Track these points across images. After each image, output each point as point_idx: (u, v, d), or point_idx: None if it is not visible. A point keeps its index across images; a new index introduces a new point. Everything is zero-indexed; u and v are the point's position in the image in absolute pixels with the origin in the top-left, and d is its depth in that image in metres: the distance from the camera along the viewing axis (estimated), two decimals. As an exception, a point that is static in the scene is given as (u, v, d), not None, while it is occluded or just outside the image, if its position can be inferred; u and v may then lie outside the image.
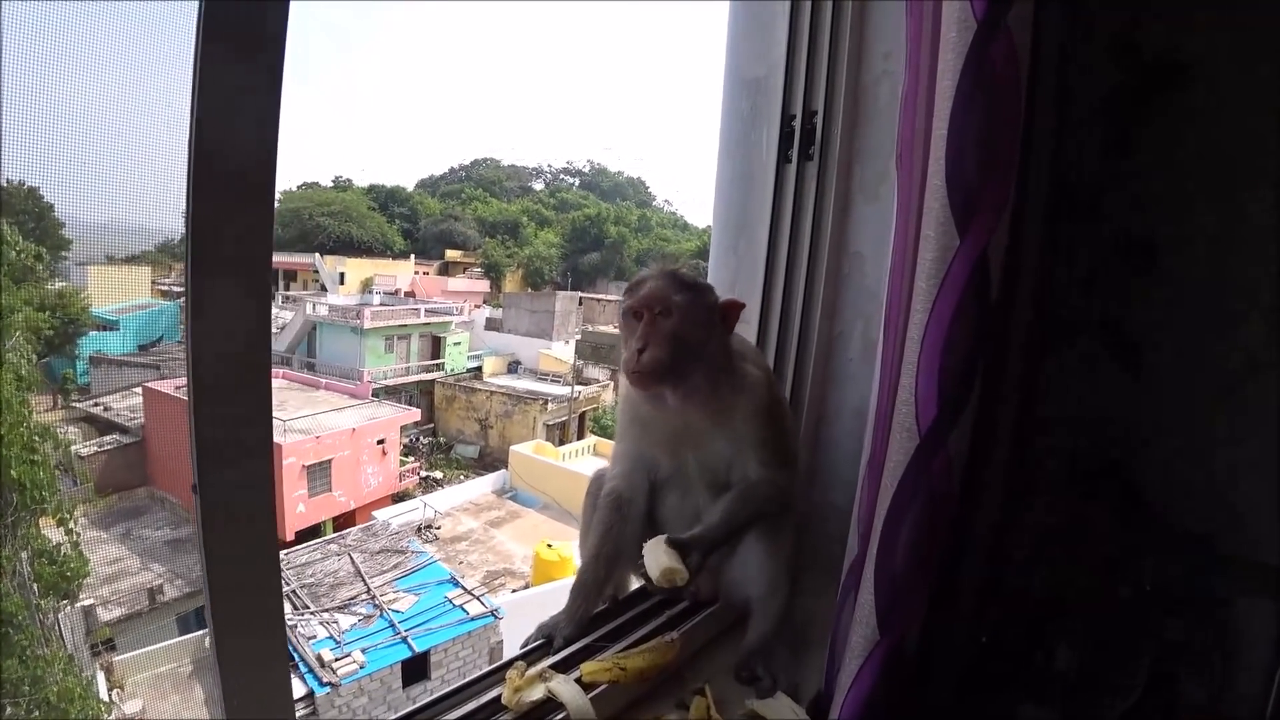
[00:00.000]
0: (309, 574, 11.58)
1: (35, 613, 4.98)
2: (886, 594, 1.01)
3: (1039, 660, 1.55)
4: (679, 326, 1.29)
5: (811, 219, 1.66)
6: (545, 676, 1.17)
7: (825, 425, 1.76)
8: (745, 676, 1.38)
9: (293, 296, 31.75)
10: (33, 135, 8.39)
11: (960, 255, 0.89)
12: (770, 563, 1.43)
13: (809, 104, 1.63)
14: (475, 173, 59.04)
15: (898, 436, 0.97)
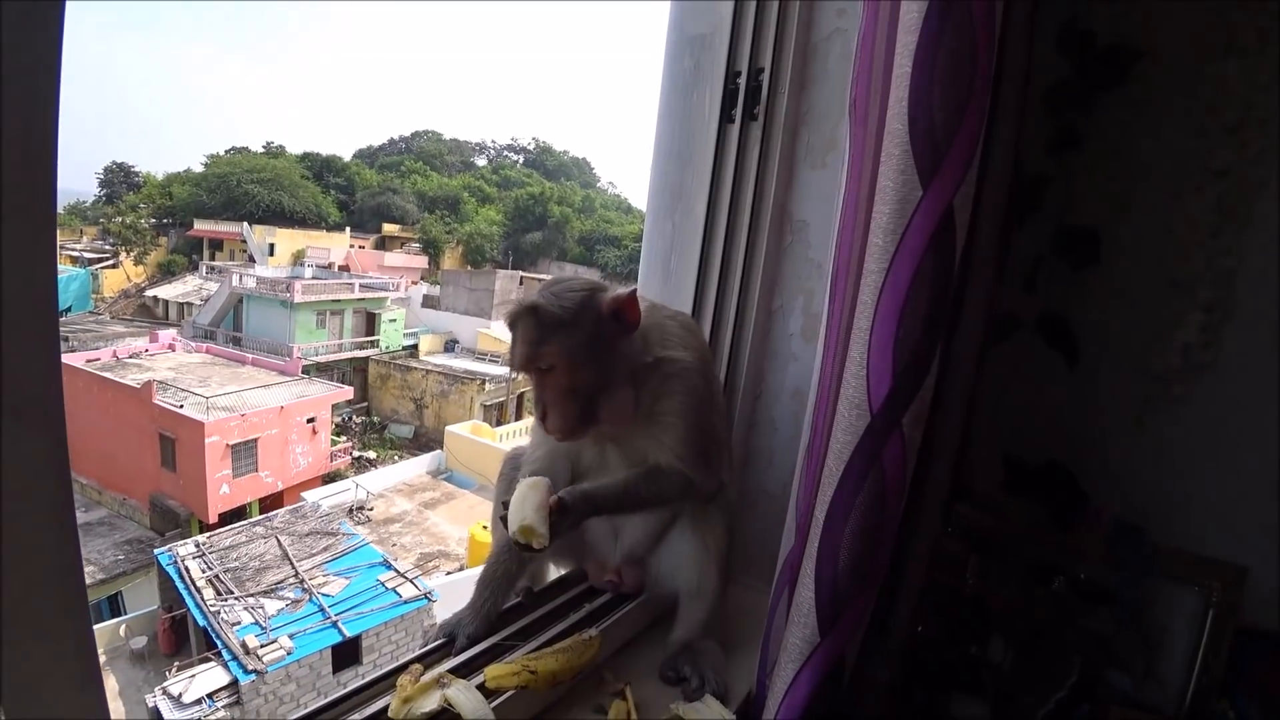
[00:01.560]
0: (233, 558, 11.17)
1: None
2: (829, 593, 0.91)
3: (972, 653, 1.53)
4: (570, 377, 1.14)
5: (754, 184, 1.55)
6: (443, 682, 1.03)
7: (762, 406, 1.67)
8: (671, 677, 1.28)
9: (218, 267, 30.45)
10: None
11: (923, 207, 0.78)
12: (701, 554, 1.33)
13: (755, 61, 1.52)
14: (415, 145, 57.33)
15: (844, 415, 0.85)
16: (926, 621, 1.54)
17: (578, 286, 1.18)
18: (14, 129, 0.55)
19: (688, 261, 1.63)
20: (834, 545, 0.89)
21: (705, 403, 1.27)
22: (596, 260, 41.39)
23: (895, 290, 0.80)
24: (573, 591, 1.43)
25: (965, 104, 0.79)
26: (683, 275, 1.64)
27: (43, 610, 0.64)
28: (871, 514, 0.87)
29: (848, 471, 0.87)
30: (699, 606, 1.33)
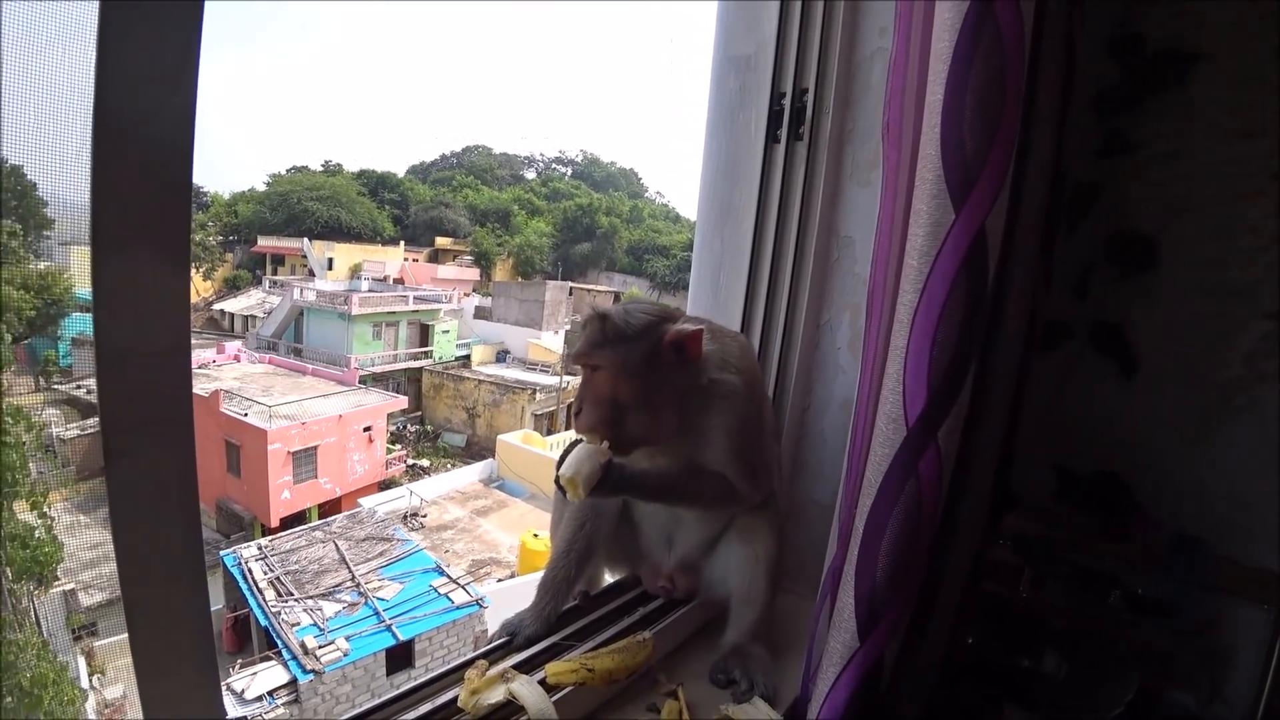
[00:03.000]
0: (293, 561, 11.52)
1: (8, 598, 4.90)
2: (867, 599, 0.94)
3: (1025, 665, 1.52)
4: (614, 385, 1.20)
5: (800, 202, 1.59)
6: (507, 677, 1.10)
7: (810, 418, 1.70)
8: (721, 679, 1.32)
9: (280, 281, 31.51)
10: (12, 114, 8.22)
11: (956, 230, 0.81)
12: (751, 561, 1.37)
13: (800, 82, 1.56)
14: (466, 160, 58.57)
15: (883, 428, 0.89)
16: (977, 632, 1.54)
17: (649, 310, 1.24)
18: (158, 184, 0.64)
19: (736, 277, 1.68)
20: (872, 554, 0.93)
21: (750, 420, 1.32)
22: (645, 270, 41.57)
23: (930, 310, 0.83)
24: (627, 596, 1.48)
25: (996, 130, 0.82)
26: (732, 291, 1.69)
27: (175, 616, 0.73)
28: (908, 524, 0.91)
29: (885, 482, 0.90)
30: (749, 612, 1.37)
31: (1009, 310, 0.98)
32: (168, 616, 0.73)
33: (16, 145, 6.42)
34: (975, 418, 0.92)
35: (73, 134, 2.97)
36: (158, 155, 0.65)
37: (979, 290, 0.84)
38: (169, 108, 0.65)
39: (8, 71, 3.79)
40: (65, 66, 3.41)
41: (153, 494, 0.68)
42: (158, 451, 0.67)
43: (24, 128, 5.46)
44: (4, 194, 11.87)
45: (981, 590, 1.54)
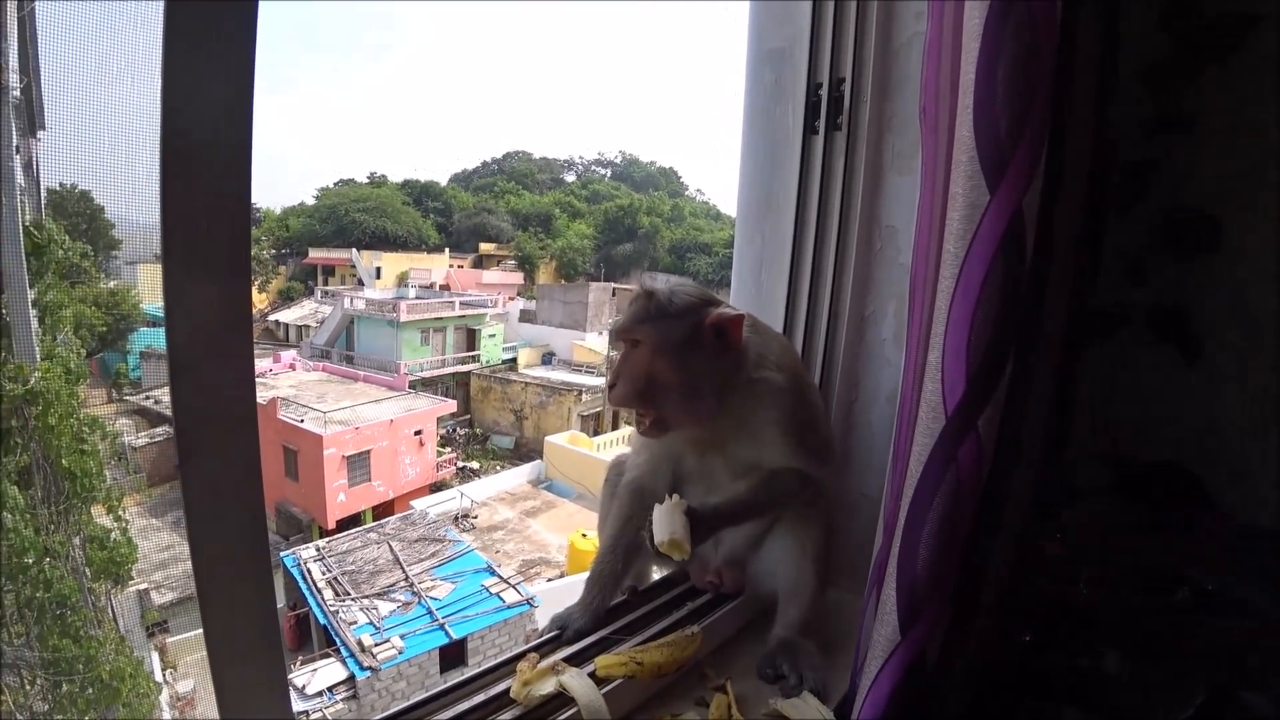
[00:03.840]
0: (349, 561, 11.84)
1: (88, 595, 5.16)
2: (908, 592, 0.93)
3: (1084, 665, 1.47)
4: (650, 361, 1.22)
5: (841, 192, 1.58)
6: (557, 670, 1.12)
7: (857, 410, 1.68)
8: (769, 674, 1.32)
9: (331, 291, 32.39)
10: (82, 139, 8.67)
11: (991, 211, 0.79)
12: (798, 554, 1.37)
13: (836, 71, 1.55)
14: (507, 166, 59.30)
15: (924, 418, 0.88)
16: (1034, 630, 1.50)
17: (694, 292, 1.26)
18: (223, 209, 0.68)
19: (778, 271, 1.67)
20: (914, 546, 0.92)
21: (800, 409, 1.33)
22: (688, 269, 41.49)
23: (966, 295, 0.82)
24: (675, 591, 1.49)
25: (1029, 107, 0.80)
26: (774, 284, 1.68)
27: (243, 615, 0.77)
28: (948, 515, 0.89)
29: (926, 472, 0.89)
30: (797, 606, 1.36)
31: (1051, 295, 0.96)
32: (239, 609, 0.77)
33: (86, 171, 6.68)
34: (1016, 406, 0.90)
35: (139, 160, 3.14)
36: (220, 178, 0.69)
37: (1017, 273, 0.82)
38: (229, 133, 0.69)
39: (80, 104, 3.97)
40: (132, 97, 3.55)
41: (222, 492, 0.73)
42: (226, 452, 0.71)
43: (93, 155, 5.72)
44: (75, 217, 12.50)
45: (1038, 587, 1.50)
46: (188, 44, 0.68)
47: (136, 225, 15.24)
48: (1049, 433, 1.47)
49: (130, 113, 9.47)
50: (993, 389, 0.85)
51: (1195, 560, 1.40)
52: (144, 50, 9.11)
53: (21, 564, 4.58)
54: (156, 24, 0.66)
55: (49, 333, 5.26)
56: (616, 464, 1.51)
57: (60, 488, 4.96)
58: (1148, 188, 1.39)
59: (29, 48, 5.42)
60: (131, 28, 8.69)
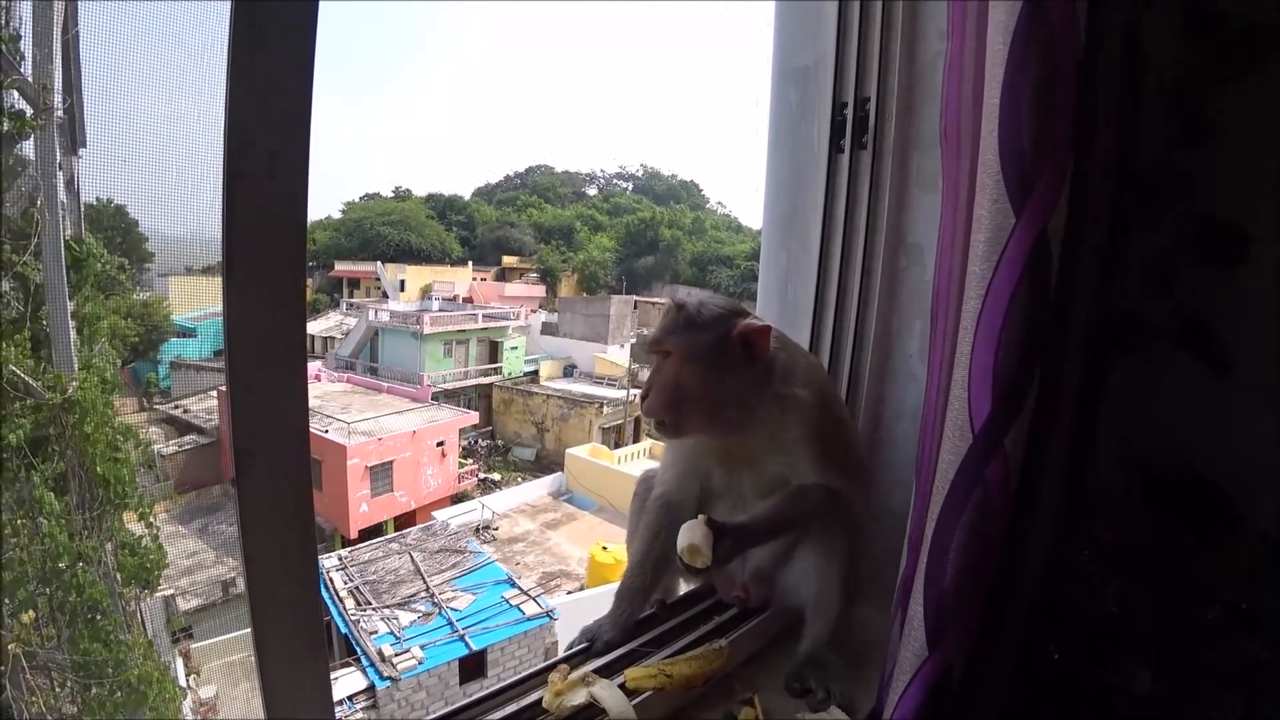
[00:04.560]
0: (371, 571, 11.94)
1: (118, 600, 5.26)
2: (935, 608, 0.94)
3: (1114, 683, 1.45)
4: (679, 370, 1.25)
5: (867, 211, 1.59)
6: (588, 681, 1.14)
7: (884, 427, 1.69)
8: (796, 688, 1.32)
9: (356, 303, 32.81)
10: (118, 154, 8.92)
11: (1017, 234, 0.81)
12: (826, 570, 1.37)
13: (861, 91, 1.57)
14: (530, 179, 59.91)
15: (950, 436, 0.89)
16: (1061, 648, 1.49)
17: (723, 304, 1.30)
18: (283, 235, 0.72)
19: (805, 287, 1.68)
20: (941, 563, 0.93)
21: (828, 424, 1.34)
22: (709, 281, 41.52)
23: (993, 316, 0.83)
24: (702, 605, 1.50)
25: (1053, 131, 0.82)
26: (800, 301, 1.70)
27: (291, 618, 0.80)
28: (975, 533, 0.90)
29: (953, 490, 0.90)
30: (824, 621, 1.37)
31: (1077, 311, 0.97)
32: (288, 616, 0.80)
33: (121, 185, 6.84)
34: (1044, 424, 0.91)
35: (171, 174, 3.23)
36: (281, 194, 0.73)
37: (1043, 294, 0.84)
38: (291, 145, 0.73)
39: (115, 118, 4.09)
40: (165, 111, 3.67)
41: (276, 505, 0.76)
42: (282, 467, 0.75)
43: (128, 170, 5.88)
44: (110, 231, 12.82)
45: (1065, 602, 1.49)
46: (252, 47, 0.72)
47: (167, 239, 15.64)
48: (1076, 447, 1.46)
49: (163, 126, 9.75)
50: (1019, 408, 0.86)
51: (1227, 577, 1.38)
52: (176, 64, 9.38)
53: (55, 569, 4.69)
54: (186, 39, 0.70)
55: (86, 343, 5.40)
56: (645, 478, 1.53)
57: (94, 494, 5.09)
58: (1174, 200, 1.38)
59: (73, 68, 5.62)
60: (161, 43, 8.96)
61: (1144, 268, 1.40)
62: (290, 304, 0.74)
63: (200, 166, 10.84)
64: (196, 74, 9.33)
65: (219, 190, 0.70)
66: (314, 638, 0.83)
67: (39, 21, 4.95)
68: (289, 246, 0.73)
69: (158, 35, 8.93)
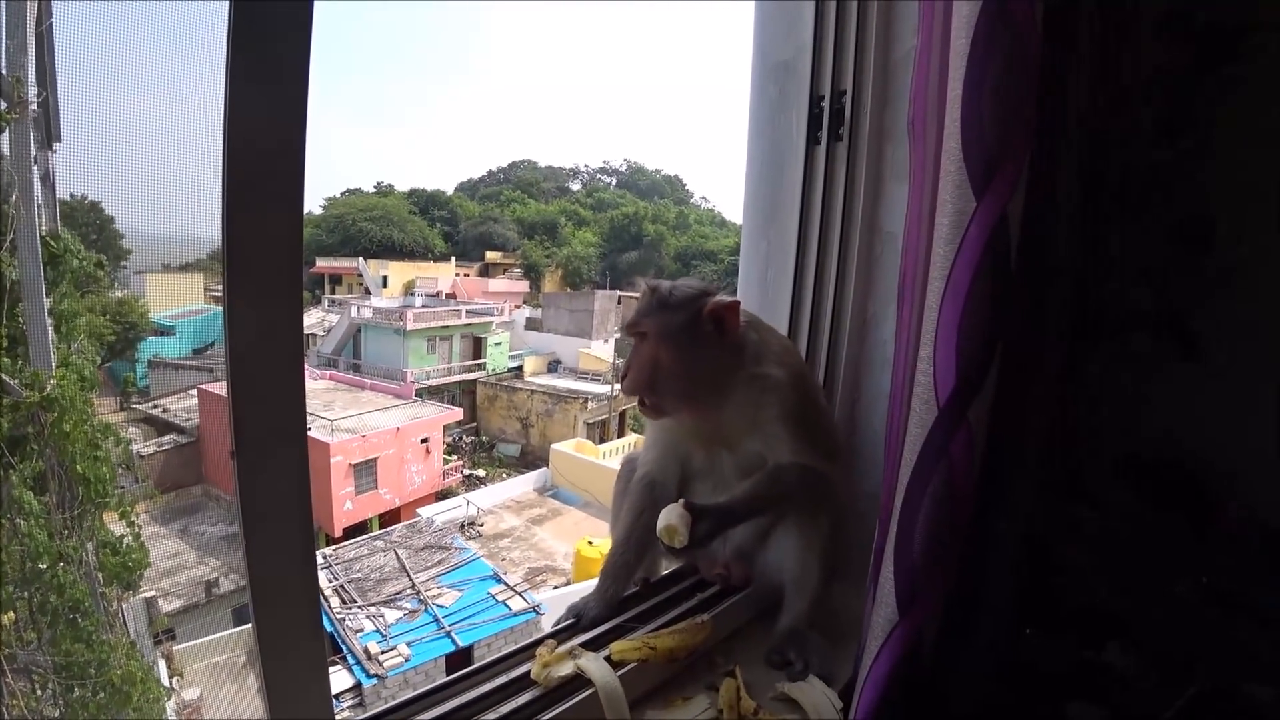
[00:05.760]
0: (356, 569, 11.89)
1: (100, 600, 5.22)
2: (905, 576, 0.98)
3: (1092, 658, 1.51)
4: (655, 350, 1.31)
5: (843, 200, 1.63)
6: (574, 654, 1.18)
7: (861, 410, 1.73)
8: (777, 660, 1.37)
9: (338, 300, 32.53)
10: (93, 150, 8.80)
11: (977, 217, 0.86)
12: (804, 548, 1.42)
13: (838, 84, 1.61)
14: (513, 175, 59.73)
15: (917, 410, 0.94)
16: (1042, 625, 1.54)
17: (694, 285, 1.36)
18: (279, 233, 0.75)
19: (783, 275, 1.73)
20: (909, 531, 0.97)
21: (803, 404, 1.39)
22: (693, 275, 41.56)
23: (956, 295, 0.88)
24: (685, 583, 1.54)
25: (1014, 119, 0.87)
26: (779, 288, 1.74)
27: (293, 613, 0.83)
28: (943, 502, 0.95)
29: (920, 462, 0.95)
30: (803, 596, 1.42)
31: (1052, 298, 1.01)
32: (289, 612, 0.83)
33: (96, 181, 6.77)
34: (1009, 401, 0.96)
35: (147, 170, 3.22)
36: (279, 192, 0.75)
37: (1002, 272, 0.89)
38: (287, 140, 0.76)
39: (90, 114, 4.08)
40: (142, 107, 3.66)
41: (276, 502, 0.79)
42: (281, 465, 0.78)
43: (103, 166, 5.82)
44: (85, 228, 12.62)
45: (1047, 582, 1.55)
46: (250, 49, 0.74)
47: (144, 235, 15.44)
48: (1055, 430, 1.51)
49: (139, 121, 9.62)
50: (981, 380, 0.91)
51: (1200, 557, 1.43)
52: (151, 58, 9.26)
53: (35, 569, 4.65)
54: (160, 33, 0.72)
55: (64, 341, 5.35)
56: (629, 461, 1.57)
57: (74, 493, 5.04)
58: (1150, 193, 1.43)
59: (47, 60, 5.54)
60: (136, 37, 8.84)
61: (1120, 258, 1.45)
62: (288, 300, 0.77)
63: (177, 162, 10.70)
64: (172, 69, 9.24)
65: (197, 186, 0.72)
66: (313, 628, 0.86)
67: (11, 14, 4.88)
68: (287, 241, 0.76)
69: (132, 29, 8.81)
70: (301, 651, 0.87)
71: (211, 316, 22.01)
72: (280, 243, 0.78)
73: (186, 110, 11.05)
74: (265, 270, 0.77)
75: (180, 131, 10.47)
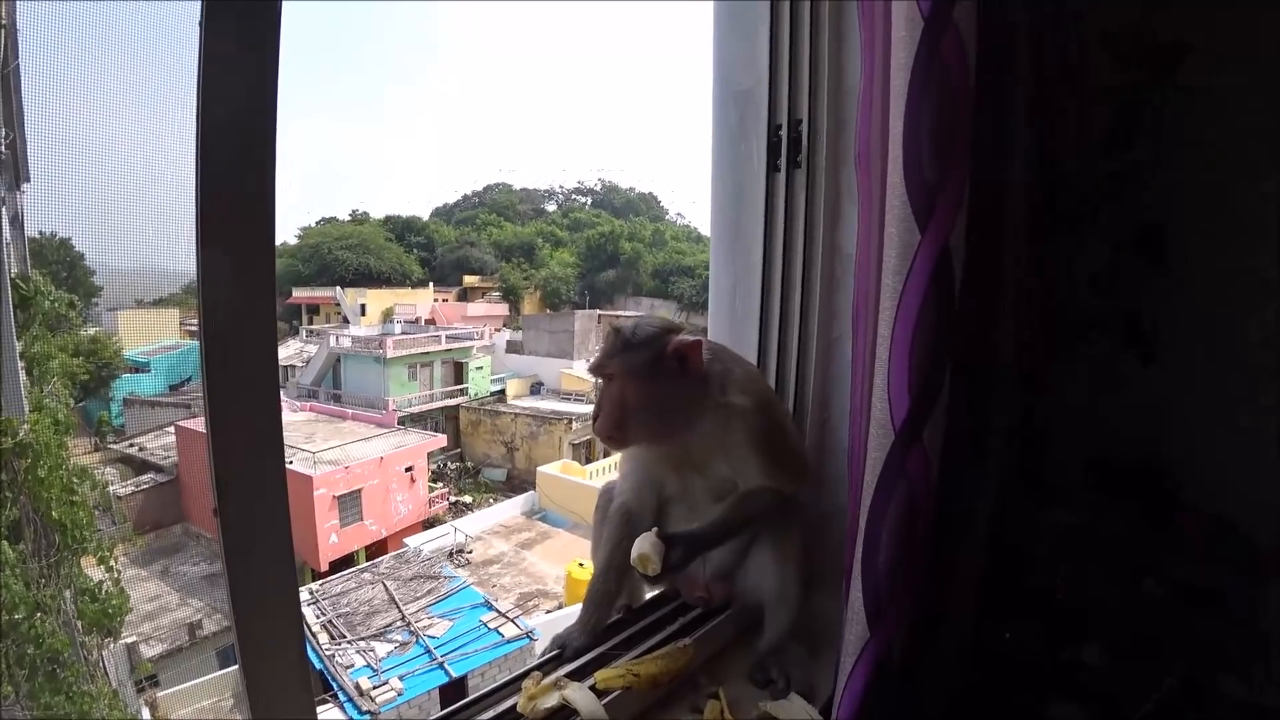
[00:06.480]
0: (344, 603, 11.73)
1: (80, 650, 5.11)
2: (873, 592, 1.03)
3: (1066, 657, 1.54)
4: (622, 389, 1.35)
5: (804, 225, 1.68)
6: (560, 685, 1.20)
7: (829, 430, 1.77)
8: (760, 679, 1.39)
9: (316, 330, 32.24)
10: (61, 185, 8.72)
11: (922, 250, 0.91)
12: (780, 566, 1.45)
13: (794, 113, 1.66)
14: (488, 198, 59.68)
15: (875, 433, 0.99)
16: (1015, 626, 1.57)
17: (656, 324, 1.39)
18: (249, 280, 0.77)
19: (750, 300, 1.77)
20: (874, 548, 1.02)
21: (770, 429, 1.42)
22: (672, 292, 41.81)
23: (905, 323, 0.93)
24: (667, 607, 1.56)
25: (950, 157, 0.93)
26: (747, 313, 1.78)
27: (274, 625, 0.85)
28: (904, 519, 1.00)
29: (881, 483, 0.99)
30: (783, 613, 1.45)
31: (1004, 311, 1.06)
32: (274, 647, 0.85)
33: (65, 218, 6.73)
34: (969, 417, 1.01)
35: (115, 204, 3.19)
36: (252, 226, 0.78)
37: (947, 299, 0.94)
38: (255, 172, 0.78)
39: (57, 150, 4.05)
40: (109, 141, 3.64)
41: (256, 536, 0.81)
42: (260, 497, 0.80)
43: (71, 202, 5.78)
44: (55, 265, 12.45)
45: (1019, 584, 1.58)
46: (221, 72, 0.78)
47: (115, 271, 15.27)
48: (1016, 438, 1.56)
49: (108, 157, 9.55)
50: (934, 404, 0.96)
51: (1168, 554, 1.47)
52: (118, 93, 9.20)
53: (12, 620, 4.55)
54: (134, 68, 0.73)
55: (37, 384, 5.28)
56: (606, 490, 1.60)
57: (50, 540, 4.95)
58: (1100, 204, 1.48)
59: (13, 101, 5.51)
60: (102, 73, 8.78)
61: (1075, 268, 1.50)
62: (262, 323, 0.80)
63: (147, 194, 10.60)
64: (140, 102, 9.19)
65: (170, 218, 0.74)
66: (300, 670, 0.88)
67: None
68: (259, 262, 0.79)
69: (97, 67, 8.78)
70: (289, 691, 0.88)
71: (186, 351, 21.73)
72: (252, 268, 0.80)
73: (157, 141, 10.98)
74: (238, 299, 0.79)
75: (151, 163, 10.37)
